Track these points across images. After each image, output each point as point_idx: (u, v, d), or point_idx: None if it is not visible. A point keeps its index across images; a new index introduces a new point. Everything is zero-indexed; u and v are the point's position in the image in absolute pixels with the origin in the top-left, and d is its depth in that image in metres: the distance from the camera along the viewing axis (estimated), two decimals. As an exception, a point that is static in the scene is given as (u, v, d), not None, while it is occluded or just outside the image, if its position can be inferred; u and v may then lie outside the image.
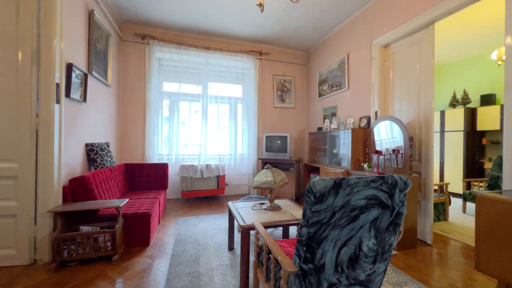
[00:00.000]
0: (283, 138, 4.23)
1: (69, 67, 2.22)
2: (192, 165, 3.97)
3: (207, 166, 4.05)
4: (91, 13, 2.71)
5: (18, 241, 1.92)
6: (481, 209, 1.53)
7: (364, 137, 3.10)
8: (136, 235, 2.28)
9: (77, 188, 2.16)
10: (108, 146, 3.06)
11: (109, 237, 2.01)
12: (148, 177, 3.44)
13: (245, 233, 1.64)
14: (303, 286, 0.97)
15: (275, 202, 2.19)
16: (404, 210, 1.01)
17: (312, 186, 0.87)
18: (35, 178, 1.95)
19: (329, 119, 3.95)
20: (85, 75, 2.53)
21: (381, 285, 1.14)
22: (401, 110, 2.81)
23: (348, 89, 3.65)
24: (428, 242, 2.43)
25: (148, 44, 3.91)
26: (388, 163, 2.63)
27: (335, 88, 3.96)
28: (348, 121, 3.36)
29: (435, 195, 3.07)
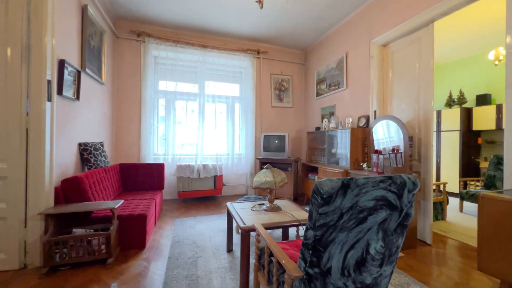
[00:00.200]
0: (281, 137, 4.20)
1: (61, 64, 2.14)
2: (188, 165, 3.91)
3: (204, 166, 3.99)
4: (84, 9, 2.63)
5: (7, 244, 1.83)
6: (483, 209, 1.51)
7: (363, 137, 3.08)
8: (131, 237, 2.21)
9: (69, 189, 2.08)
10: (102, 145, 2.98)
11: (103, 240, 1.94)
12: (143, 178, 3.36)
13: (245, 235, 1.60)
14: (309, 291, 0.93)
15: (274, 202, 2.15)
16: (412, 211, 0.98)
17: (319, 186, 0.83)
18: (26, 179, 1.87)
19: (327, 118, 3.93)
20: (78, 72, 2.46)
21: (387, 288, 1.10)
22: (400, 109, 2.80)
23: (346, 88, 3.63)
24: (427, 242, 2.42)
25: (143, 41, 3.82)
26: (387, 163, 2.62)
27: (333, 87, 3.94)
28: (346, 121, 3.34)
29: (433, 195, 3.07)
